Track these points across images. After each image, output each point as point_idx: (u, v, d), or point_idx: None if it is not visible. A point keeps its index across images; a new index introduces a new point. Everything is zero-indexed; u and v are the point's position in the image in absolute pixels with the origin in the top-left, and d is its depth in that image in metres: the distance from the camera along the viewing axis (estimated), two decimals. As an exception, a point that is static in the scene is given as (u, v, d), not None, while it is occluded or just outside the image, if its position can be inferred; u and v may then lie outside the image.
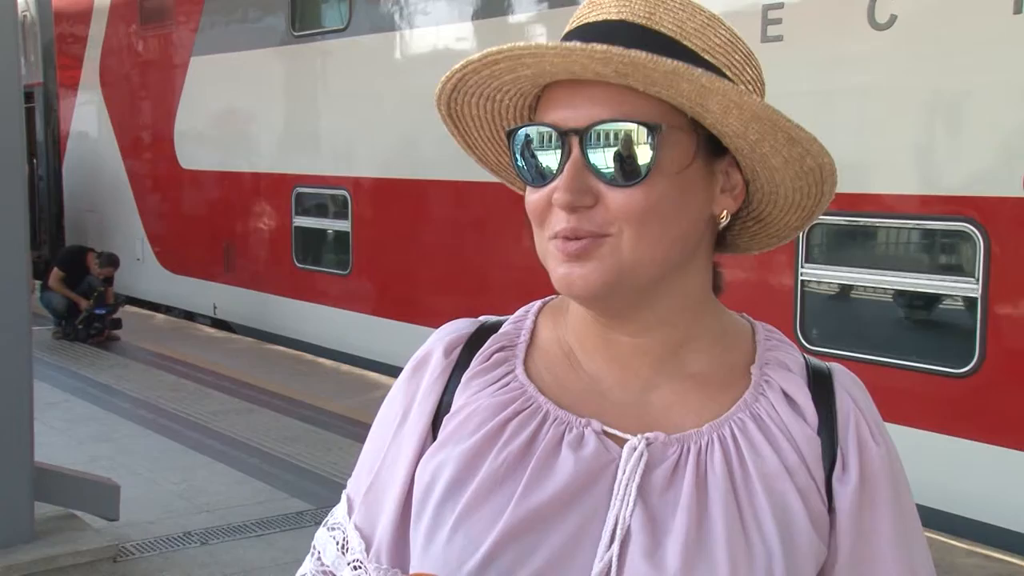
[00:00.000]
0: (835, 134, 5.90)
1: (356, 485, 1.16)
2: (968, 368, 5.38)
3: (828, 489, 1.03)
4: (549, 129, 0.99)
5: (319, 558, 1.16)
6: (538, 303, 1.17)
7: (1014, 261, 5.26)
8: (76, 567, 4.70)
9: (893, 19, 5.54)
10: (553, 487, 1.00)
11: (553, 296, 1.15)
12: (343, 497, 1.17)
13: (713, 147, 1.02)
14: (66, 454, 6.31)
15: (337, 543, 1.14)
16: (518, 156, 1.03)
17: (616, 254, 0.98)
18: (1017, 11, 5.07)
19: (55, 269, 10.76)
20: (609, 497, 1.00)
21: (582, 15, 1.04)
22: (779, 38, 6.04)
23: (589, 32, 1.00)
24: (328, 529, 1.17)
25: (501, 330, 1.14)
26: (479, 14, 8.28)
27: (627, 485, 1.00)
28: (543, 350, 1.11)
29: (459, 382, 1.10)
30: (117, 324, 10.61)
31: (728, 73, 1.00)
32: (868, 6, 5.61)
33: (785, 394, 1.06)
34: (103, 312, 10.47)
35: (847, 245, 6.26)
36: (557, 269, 1.01)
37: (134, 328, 10.88)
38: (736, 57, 1.02)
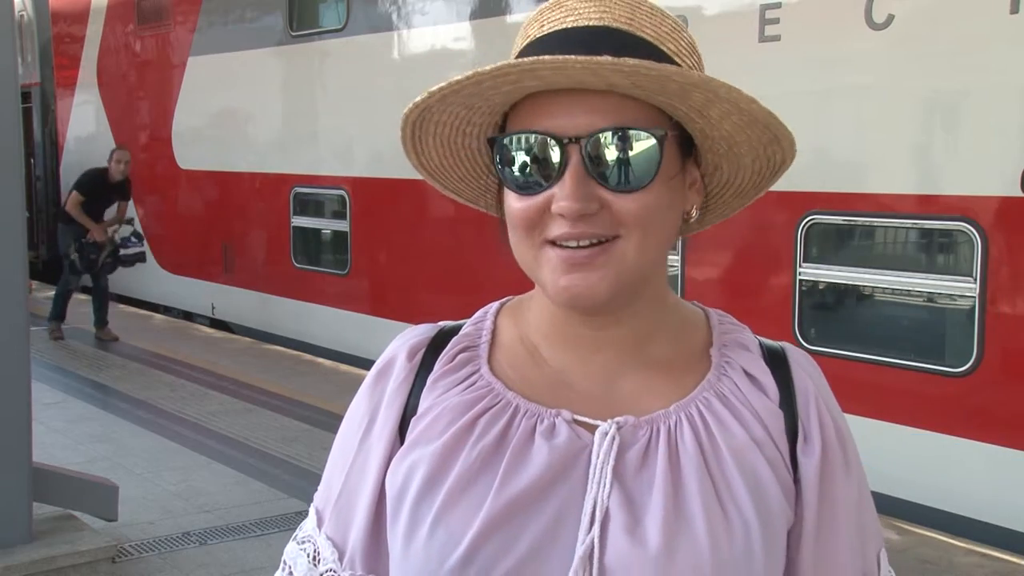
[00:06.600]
0: (833, 134, 5.92)
1: (324, 496, 1.17)
2: (966, 367, 5.38)
3: (792, 460, 1.07)
4: (546, 137, 0.99)
5: (290, 572, 1.17)
6: (496, 304, 1.19)
7: (1012, 261, 5.27)
8: (75, 568, 4.69)
9: (891, 19, 5.54)
10: (529, 476, 1.02)
11: (510, 297, 1.18)
12: (311, 510, 1.18)
13: (685, 147, 1.06)
14: (64, 454, 6.31)
15: (308, 556, 1.15)
16: (504, 163, 1.02)
17: (622, 260, 1.00)
18: (1014, 11, 5.07)
19: (74, 192, 10.01)
20: (585, 482, 1.02)
21: (553, 20, 1.02)
22: (777, 38, 6.04)
23: (568, 38, 1.00)
24: (298, 543, 1.18)
25: (462, 331, 1.15)
26: (477, 14, 8.28)
27: (602, 468, 1.02)
28: (506, 348, 1.13)
29: (424, 385, 1.11)
30: (126, 261, 10.17)
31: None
32: (866, 6, 5.61)
33: (746, 372, 1.09)
34: (126, 252, 10.09)
35: (845, 245, 6.26)
36: (558, 281, 1.01)
37: (132, 328, 10.88)
38: (695, 58, 1.06)
